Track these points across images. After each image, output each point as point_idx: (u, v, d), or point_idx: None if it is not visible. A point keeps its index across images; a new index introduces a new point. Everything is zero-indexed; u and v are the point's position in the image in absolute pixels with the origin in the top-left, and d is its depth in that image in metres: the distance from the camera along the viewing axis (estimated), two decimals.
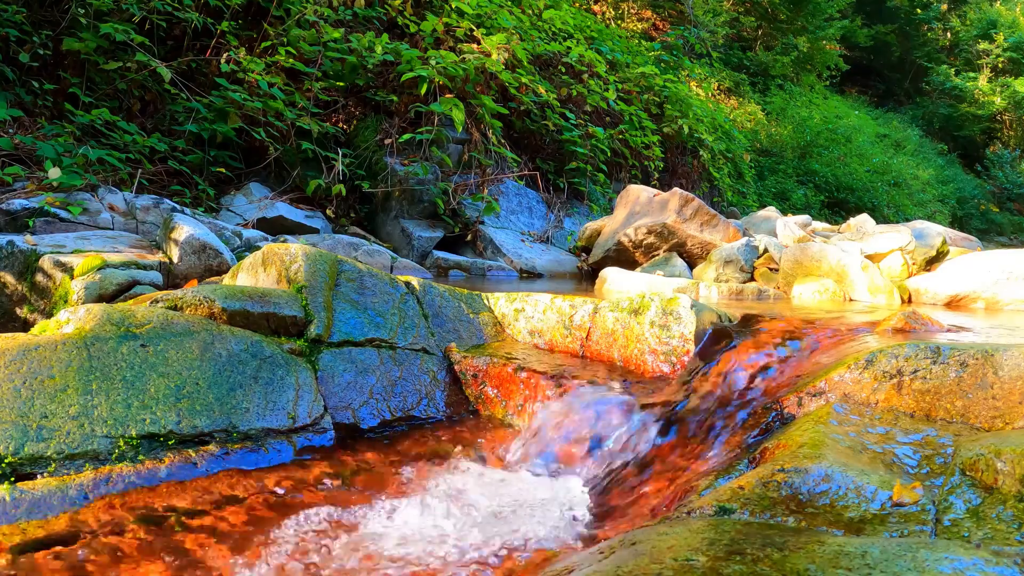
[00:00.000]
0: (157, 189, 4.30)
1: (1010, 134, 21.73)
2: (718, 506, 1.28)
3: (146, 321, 1.89)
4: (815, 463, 1.33)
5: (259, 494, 1.67)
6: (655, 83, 8.13)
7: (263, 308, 2.12)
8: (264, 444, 1.83)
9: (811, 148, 13.79)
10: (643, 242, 4.34)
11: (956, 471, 1.31)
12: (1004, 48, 21.40)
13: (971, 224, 16.98)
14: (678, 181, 7.96)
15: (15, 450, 1.51)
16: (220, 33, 4.90)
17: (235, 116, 4.62)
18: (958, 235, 4.63)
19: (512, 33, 6.42)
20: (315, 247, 2.63)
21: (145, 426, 1.69)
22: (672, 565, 1.01)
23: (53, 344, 1.71)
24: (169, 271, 2.96)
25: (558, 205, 6.19)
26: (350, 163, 5.17)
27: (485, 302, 2.69)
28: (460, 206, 5.22)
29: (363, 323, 2.28)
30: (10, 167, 3.67)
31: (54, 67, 4.39)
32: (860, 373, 1.74)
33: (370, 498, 1.71)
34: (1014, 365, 1.57)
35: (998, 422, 1.53)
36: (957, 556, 0.98)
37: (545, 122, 6.29)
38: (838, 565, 0.97)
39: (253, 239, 3.66)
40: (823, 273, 3.49)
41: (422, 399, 2.22)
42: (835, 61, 17.39)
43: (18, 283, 2.76)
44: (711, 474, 1.58)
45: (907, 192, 15.03)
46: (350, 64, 5.29)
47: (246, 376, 1.91)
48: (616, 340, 2.35)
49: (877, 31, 20.77)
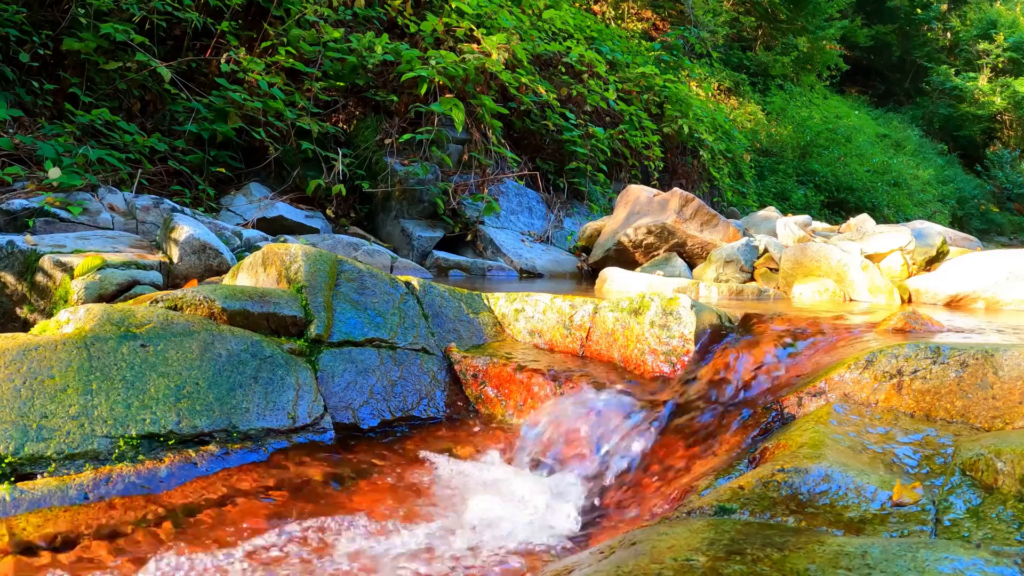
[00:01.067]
0: (157, 189, 4.30)
1: (1010, 134, 21.73)
2: (718, 506, 1.28)
3: (146, 321, 1.89)
4: (815, 463, 1.33)
5: (259, 494, 1.67)
6: (655, 83, 8.13)
7: (263, 308, 2.12)
8: (264, 444, 1.83)
9: (811, 148, 13.79)
10: (643, 242, 4.34)
11: (956, 471, 1.31)
12: (1004, 48, 21.41)
13: (971, 224, 16.99)
14: (678, 181, 7.96)
15: (15, 450, 1.51)
16: (220, 33, 4.90)
17: (235, 116, 4.62)
18: (958, 235, 4.63)
19: (512, 33, 6.42)
20: (315, 247, 2.63)
21: (145, 426, 1.69)
22: (672, 565, 1.01)
23: (53, 344, 1.71)
24: (169, 271, 2.96)
25: (558, 205, 6.19)
26: (350, 163, 5.17)
27: (485, 302, 2.69)
28: (460, 206, 5.22)
29: (363, 323, 2.28)
30: (10, 167, 3.67)
31: (54, 67, 4.39)
32: (860, 373, 1.74)
33: (370, 498, 1.71)
34: (1014, 365, 1.57)
35: (998, 422, 1.53)
36: (957, 556, 0.98)
37: (545, 122, 6.29)
38: (838, 565, 0.97)
39: (253, 239, 3.66)
40: (823, 273, 3.49)
41: (422, 399, 2.22)
42: (835, 61, 17.41)
43: (18, 283, 2.76)
44: (711, 474, 1.58)
45: (907, 192, 15.04)
46: (350, 64, 5.29)
47: (246, 376, 1.92)
48: (616, 340, 2.35)
49: (877, 31, 20.78)
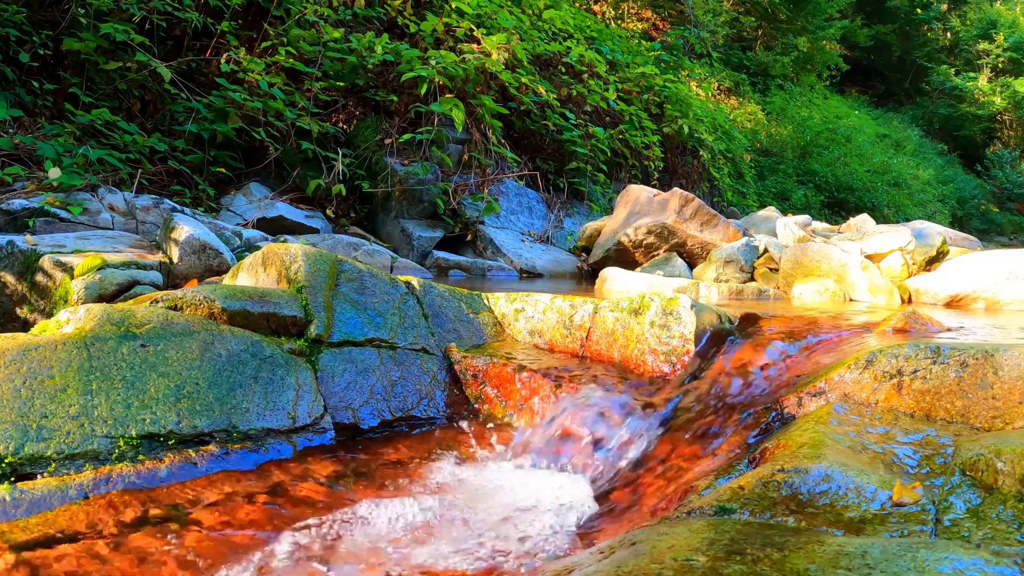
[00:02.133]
0: (157, 189, 4.30)
1: (1010, 134, 21.74)
2: (718, 506, 1.28)
3: (146, 321, 1.89)
4: (815, 463, 1.33)
5: (259, 494, 1.67)
6: (655, 83, 8.14)
7: (263, 308, 2.12)
8: (264, 444, 1.83)
9: (811, 148, 13.79)
10: (643, 242, 4.34)
11: (956, 471, 1.31)
12: (1004, 48, 21.41)
13: (971, 224, 16.99)
14: (678, 181, 7.96)
15: (15, 450, 1.51)
16: (220, 33, 4.90)
17: (235, 116, 4.62)
18: (958, 235, 4.63)
19: (512, 33, 6.42)
20: (315, 247, 2.63)
21: (145, 426, 1.69)
22: (672, 565, 1.01)
23: (53, 344, 1.71)
24: (169, 271, 2.96)
25: (558, 205, 6.19)
26: (350, 163, 5.17)
27: (485, 302, 2.68)
28: (460, 206, 5.22)
29: (363, 323, 2.28)
30: (10, 167, 3.67)
31: (54, 67, 4.39)
32: (860, 373, 1.74)
33: (370, 498, 1.71)
34: (1014, 365, 1.57)
35: (998, 422, 1.53)
36: (957, 556, 0.98)
37: (545, 122, 6.29)
38: (838, 565, 0.97)
39: (253, 239, 3.66)
40: (823, 273, 3.48)
41: (422, 399, 2.22)
42: (835, 61, 17.41)
43: (18, 283, 2.76)
44: (711, 474, 1.58)
45: (907, 192, 15.04)
46: (350, 64, 5.29)
47: (246, 376, 1.91)
48: (616, 340, 2.34)
49: (877, 31, 20.78)
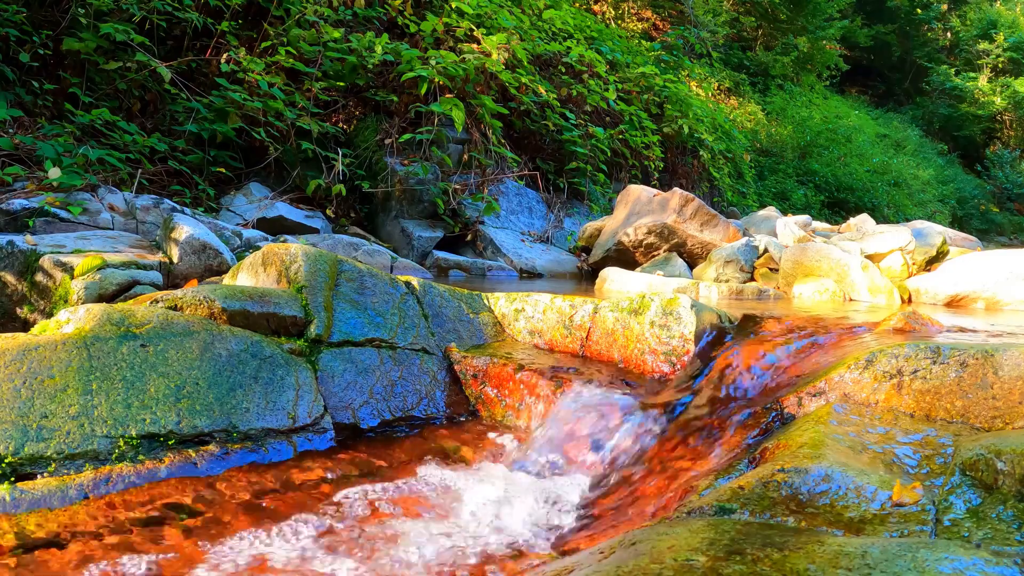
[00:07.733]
0: (157, 189, 4.30)
1: (1010, 134, 21.73)
2: (718, 506, 1.28)
3: (146, 321, 1.89)
4: (815, 463, 1.33)
5: (259, 494, 1.67)
6: (655, 83, 8.14)
7: (263, 308, 2.12)
8: (264, 444, 1.83)
9: (811, 148, 13.79)
10: (643, 242, 4.34)
11: (956, 471, 1.31)
12: (1004, 48, 21.41)
13: (971, 224, 16.98)
14: (678, 181, 7.96)
15: (15, 450, 1.51)
16: (220, 33, 4.90)
17: (235, 116, 4.62)
18: (958, 235, 4.64)
19: (512, 33, 6.42)
20: (315, 247, 2.63)
21: (145, 426, 1.69)
22: (672, 565, 1.01)
23: (53, 344, 1.71)
24: (169, 271, 2.96)
25: (558, 205, 6.19)
26: (350, 163, 5.17)
27: (485, 302, 2.68)
28: (460, 206, 5.22)
29: (363, 323, 2.28)
30: (10, 167, 3.67)
31: (54, 67, 4.39)
32: (860, 373, 1.73)
33: (370, 498, 1.71)
34: (1014, 365, 1.57)
35: (998, 422, 1.53)
36: (957, 556, 0.98)
37: (545, 122, 6.29)
38: (838, 565, 0.97)
39: (253, 239, 3.67)
40: (823, 273, 3.48)
41: (422, 399, 2.22)
42: (835, 61, 17.40)
43: (18, 283, 2.76)
44: (711, 474, 1.58)
45: (907, 192, 15.04)
46: (350, 64, 5.29)
47: (246, 376, 1.91)
48: (616, 340, 2.34)
49: (877, 31, 20.78)
